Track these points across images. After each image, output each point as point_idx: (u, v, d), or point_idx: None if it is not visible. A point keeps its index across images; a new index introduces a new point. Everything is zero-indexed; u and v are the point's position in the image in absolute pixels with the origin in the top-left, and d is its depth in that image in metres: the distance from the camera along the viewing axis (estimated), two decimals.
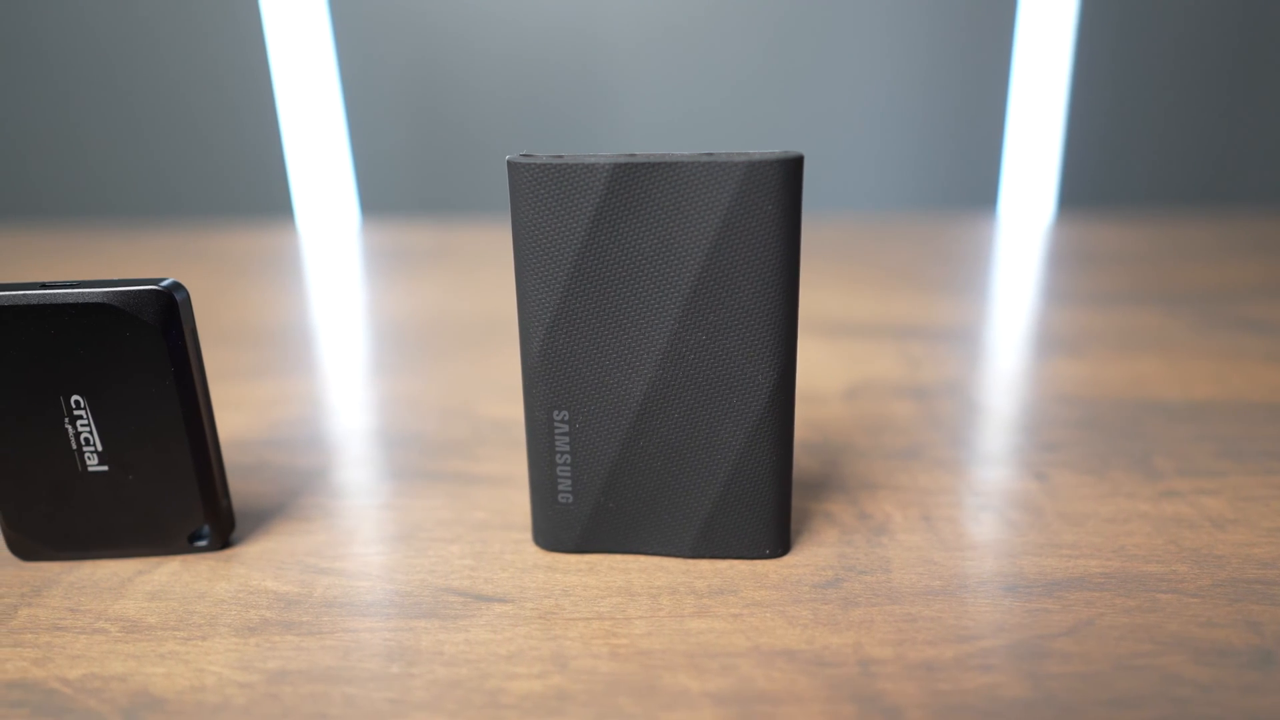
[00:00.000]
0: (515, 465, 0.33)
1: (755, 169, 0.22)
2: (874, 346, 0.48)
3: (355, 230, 0.92)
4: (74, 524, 0.26)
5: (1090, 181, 0.99)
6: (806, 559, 0.26)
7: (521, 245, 0.24)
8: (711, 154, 0.23)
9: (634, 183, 0.23)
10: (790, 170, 0.22)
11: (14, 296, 0.24)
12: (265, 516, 0.29)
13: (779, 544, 0.26)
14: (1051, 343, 0.48)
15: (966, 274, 0.66)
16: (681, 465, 0.25)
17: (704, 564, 0.26)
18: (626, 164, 0.22)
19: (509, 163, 0.23)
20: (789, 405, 0.25)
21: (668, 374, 0.24)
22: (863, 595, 0.24)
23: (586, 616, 0.23)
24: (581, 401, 0.25)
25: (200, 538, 0.27)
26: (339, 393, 0.42)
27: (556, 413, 0.25)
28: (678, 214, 0.23)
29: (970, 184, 1.00)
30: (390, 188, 1.02)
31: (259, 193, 1.03)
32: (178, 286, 0.25)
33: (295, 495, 0.31)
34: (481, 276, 0.69)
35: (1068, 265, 0.69)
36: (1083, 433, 0.35)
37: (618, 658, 0.22)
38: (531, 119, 0.99)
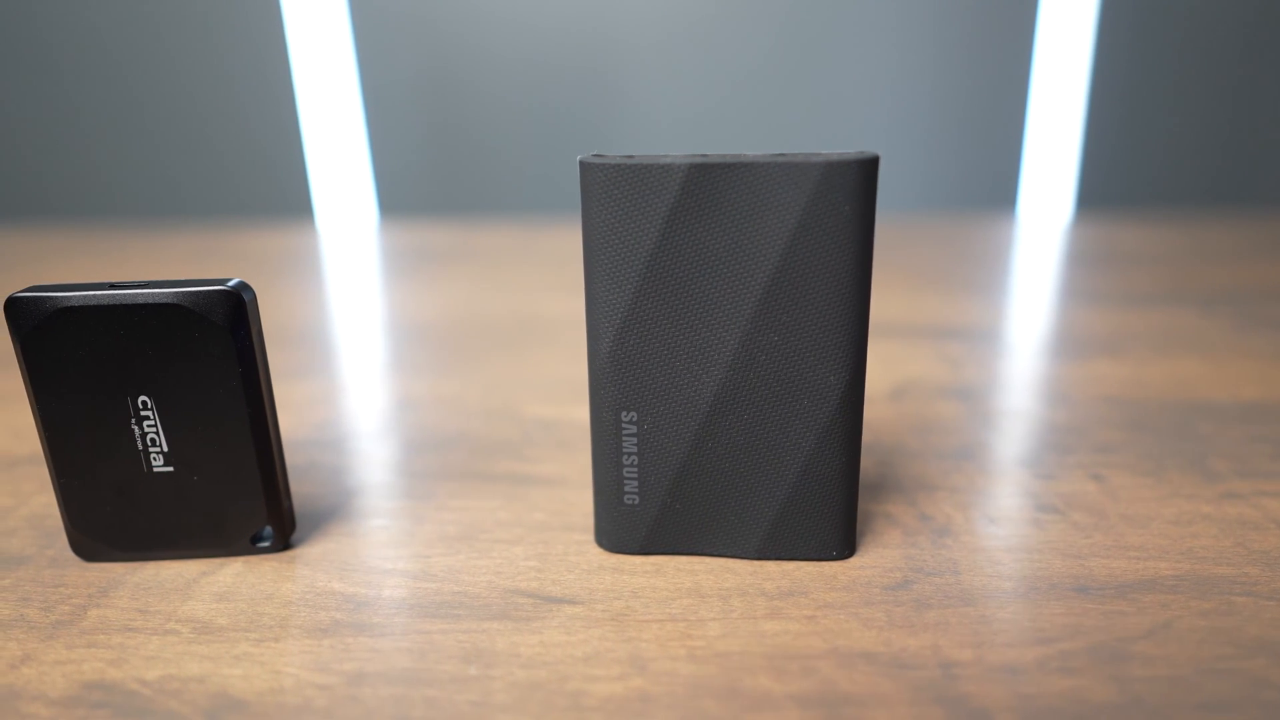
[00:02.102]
0: (567, 465, 0.33)
1: (833, 169, 0.22)
2: (911, 348, 0.47)
3: (374, 230, 0.92)
4: (138, 525, 0.26)
5: (1108, 182, 0.99)
6: (873, 561, 0.26)
7: (592, 245, 0.24)
8: (783, 154, 0.23)
9: (709, 183, 0.23)
10: (867, 170, 0.22)
11: (84, 297, 0.24)
12: (323, 518, 0.29)
13: (845, 546, 0.26)
14: (1089, 344, 0.48)
15: (993, 275, 0.66)
16: (750, 467, 0.25)
17: (770, 565, 0.26)
18: (702, 164, 0.22)
19: (581, 163, 0.23)
20: (859, 407, 0.25)
21: (738, 375, 0.24)
22: (934, 597, 0.24)
23: (659, 618, 0.23)
24: (650, 402, 0.25)
25: (262, 539, 0.27)
26: (378, 393, 0.42)
27: (624, 414, 0.25)
28: (753, 214, 0.23)
29: (989, 184, 0.99)
30: (408, 188, 1.02)
31: (279, 193, 1.03)
32: (245, 287, 0.25)
33: (350, 496, 0.31)
34: (506, 276, 0.69)
35: (1094, 266, 0.68)
36: (1134, 434, 0.35)
37: (696, 660, 0.22)
38: (547, 120, 0.99)
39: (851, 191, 0.22)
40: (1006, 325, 0.52)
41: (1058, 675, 0.21)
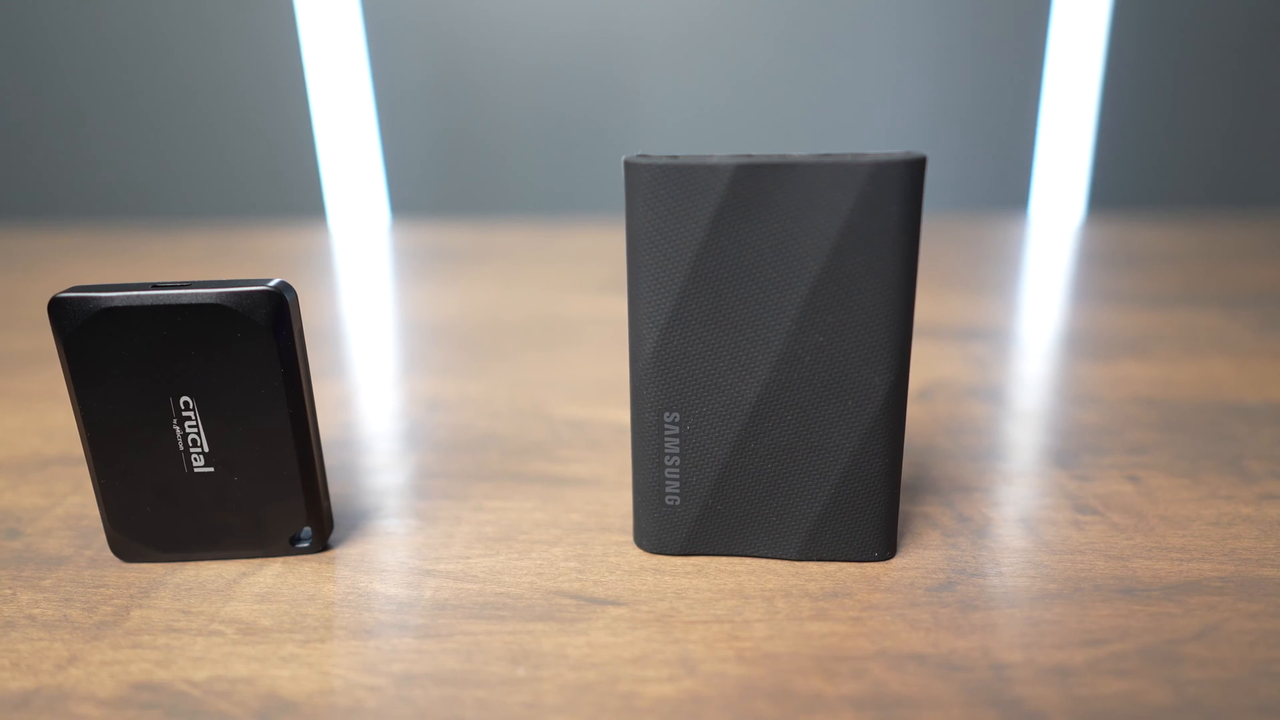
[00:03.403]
0: (600, 466, 0.33)
1: (881, 169, 0.22)
2: (936, 348, 0.47)
3: (387, 230, 0.92)
4: (178, 525, 0.26)
5: (1120, 182, 0.98)
6: (914, 562, 0.26)
7: (637, 245, 0.24)
8: (829, 154, 0.23)
9: (755, 183, 0.22)
10: (915, 171, 0.22)
11: (127, 297, 0.24)
12: (359, 518, 0.29)
13: (886, 547, 0.26)
14: (1114, 344, 0.47)
15: (1011, 275, 0.66)
16: (792, 467, 0.25)
17: (812, 566, 0.26)
18: (748, 164, 0.22)
19: (626, 162, 0.23)
20: (902, 407, 0.24)
21: (782, 376, 0.24)
22: (979, 599, 0.24)
23: (705, 619, 0.23)
24: (693, 403, 0.25)
25: (301, 539, 0.27)
26: (404, 394, 0.42)
27: (667, 414, 0.25)
28: (800, 215, 0.23)
29: (1001, 185, 0.99)
30: (420, 188, 1.02)
31: (292, 194, 1.04)
32: (286, 287, 0.25)
33: (384, 496, 0.31)
34: (524, 277, 0.69)
35: (1111, 266, 0.68)
36: (1167, 435, 0.35)
37: (745, 661, 0.22)
38: (558, 121, 0.99)
39: (899, 192, 0.22)
40: (1029, 326, 0.51)
41: (1110, 677, 0.21)
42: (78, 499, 0.31)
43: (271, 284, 0.25)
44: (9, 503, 0.31)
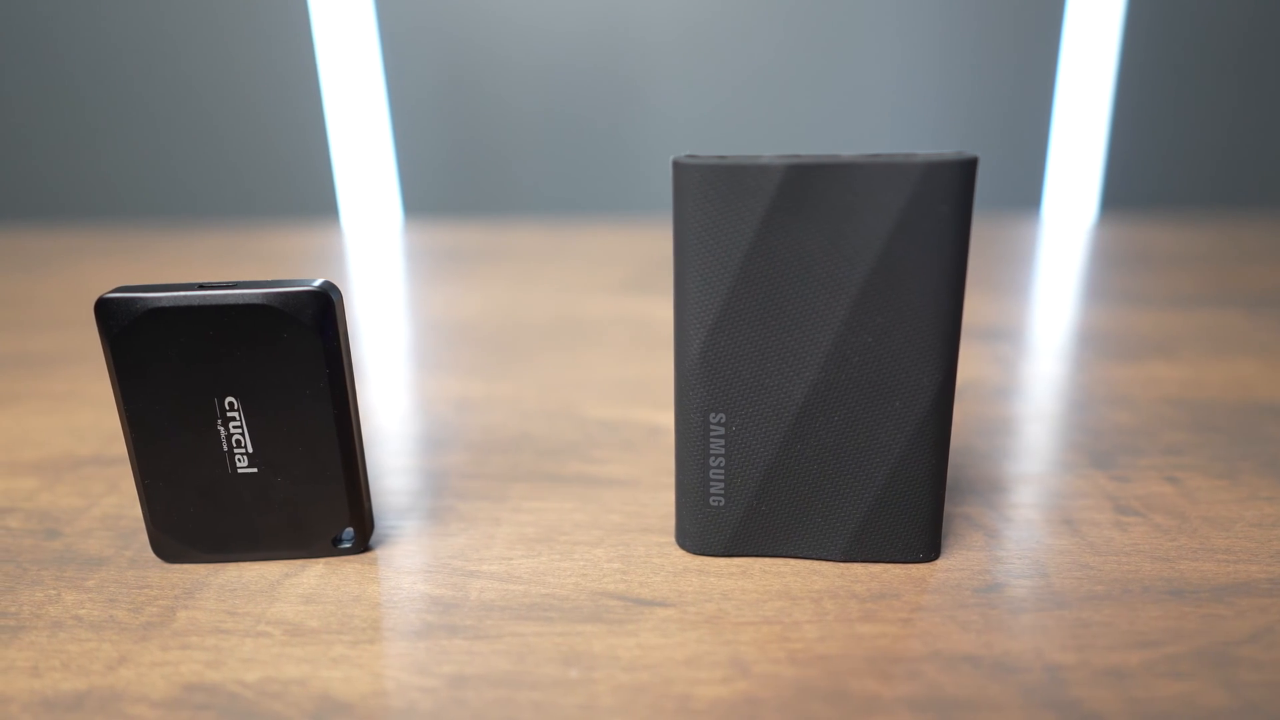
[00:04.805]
0: (635, 467, 0.33)
1: (933, 170, 0.22)
2: (963, 348, 0.47)
3: (399, 230, 0.92)
4: (221, 526, 0.26)
5: (1133, 182, 0.98)
6: (960, 563, 0.26)
7: (685, 246, 0.24)
8: (878, 154, 0.23)
9: (806, 184, 0.22)
10: (966, 171, 0.22)
11: (174, 298, 0.24)
12: (398, 519, 0.29)
13: (931, 548, 0.26)
14: (1139, 345, 0.47)
15: (1029, 276, 0.66)
16: (839, 468, 0.25)
17: (857, 567, 0.26)
18: (799, 164, 0.22)
19: (675, 163, 0.23)
20: (949, 408, 0.24)
21: (830, 376, 0.24)
22: (1028, 600, 0.24)
23: (754, 621, 0.23)
24: (739, 404, 0.25)
25: (343, 540, 0.27)
26: (431, 394, 0.42)
27: (713, 415, 0.25)
28: (850, 215, 0.23)
29: (1014, 185, 0.99)
30: (433, 188, 1.02)
31: (305, 194, 1.04)
32: (332, 287, 0.25)
33: (420, 497, 0.31)
34: (541, 277, 0.69)
35: (1128, 267, 0.68)
36: (1201, 436, 0.35)
37: (798, 663, 0.21)
38: (569, 121, 0.99)
39: (950, 192, 0.22)
40: (1050, 326, 0.51)
41: (1167, 679, 0.21)
42: (114, 499, 0.31)
43: (316, 284, 0.24)
44: (46, 503, 0.31)
